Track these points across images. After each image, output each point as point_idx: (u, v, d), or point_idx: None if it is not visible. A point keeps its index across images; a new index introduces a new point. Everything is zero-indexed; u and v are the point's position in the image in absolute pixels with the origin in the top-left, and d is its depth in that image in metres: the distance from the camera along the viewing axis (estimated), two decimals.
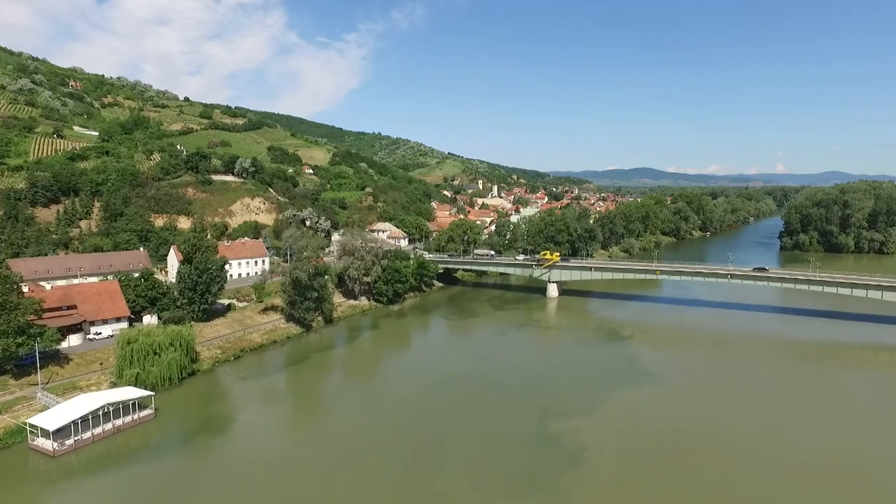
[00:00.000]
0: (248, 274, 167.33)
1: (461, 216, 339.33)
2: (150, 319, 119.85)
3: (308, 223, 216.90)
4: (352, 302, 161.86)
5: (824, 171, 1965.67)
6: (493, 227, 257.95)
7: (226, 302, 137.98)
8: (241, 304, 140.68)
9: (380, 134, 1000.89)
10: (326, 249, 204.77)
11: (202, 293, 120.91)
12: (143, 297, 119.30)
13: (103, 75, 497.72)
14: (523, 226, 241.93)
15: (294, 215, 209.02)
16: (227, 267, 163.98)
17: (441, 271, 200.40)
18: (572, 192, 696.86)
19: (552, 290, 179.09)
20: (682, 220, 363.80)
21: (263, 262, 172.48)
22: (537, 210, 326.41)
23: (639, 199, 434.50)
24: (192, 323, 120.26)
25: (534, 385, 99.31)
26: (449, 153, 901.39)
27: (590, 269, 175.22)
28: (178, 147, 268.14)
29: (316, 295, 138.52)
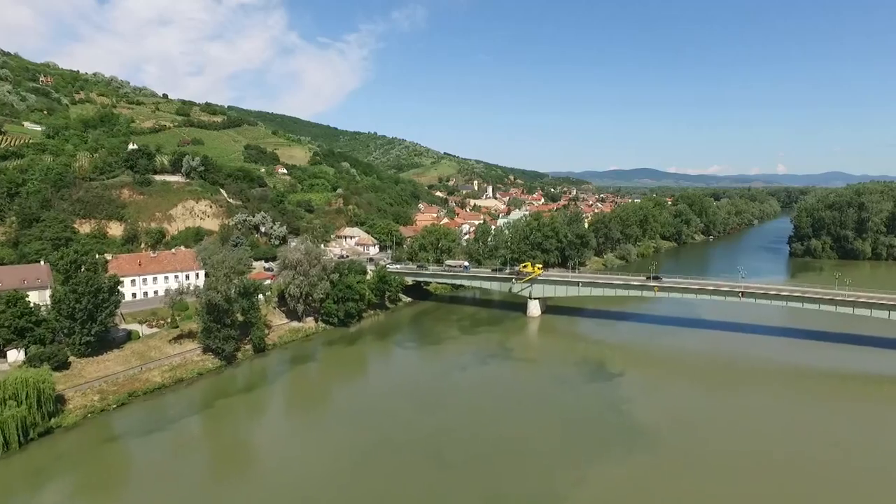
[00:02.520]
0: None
1: (446, 219, 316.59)
2: (17, 356, 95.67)
3: (263, 229, 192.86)
4: (294, 324, 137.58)
5: (826, 171, 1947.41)
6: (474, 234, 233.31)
7: (129, 328, 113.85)
8: (149, 331, 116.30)
9: (375, 134, 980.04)
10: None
11: (84, 321, 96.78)
12: (7, 327, 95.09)
13: (78, 71, 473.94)
14: (507, 231, 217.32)
15: (244, 220, 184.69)
16: (147, 283, 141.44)
17: (411, 283, 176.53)
18: (570, 193, 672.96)
19: (533, 308, 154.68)
20: (684, 223, 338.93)
21: (196, 276, 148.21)
22: (523, 213, 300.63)
23: (637, 201, 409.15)
24: (73, 359, 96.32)
25: (489, 453, 74.92)
26: (445, 153, 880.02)
27: (576, 284, 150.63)
28: (131, 144, 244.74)
29: (241, 319, 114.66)
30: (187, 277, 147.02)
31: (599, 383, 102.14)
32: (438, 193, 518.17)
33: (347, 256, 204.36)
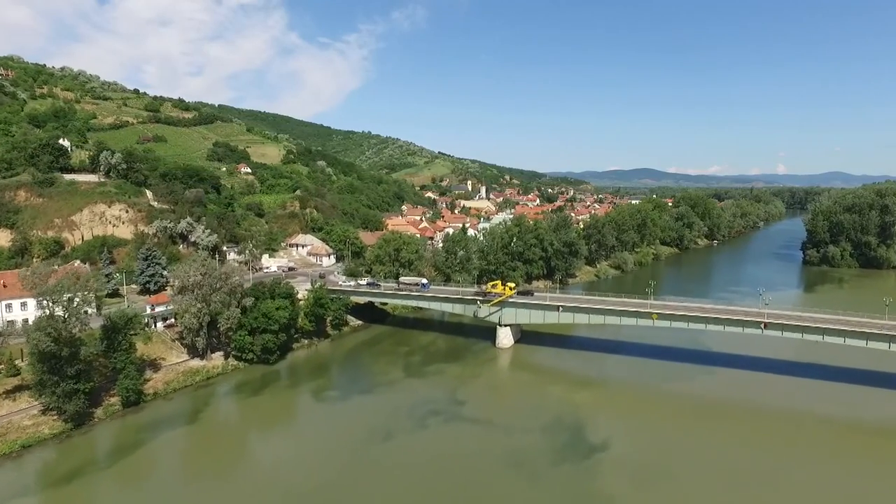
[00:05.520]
0: None
1: (425, 223, 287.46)
2: None
3: (193, 237, 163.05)
4: (194, 363, 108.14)
5: (826, 171, 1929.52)
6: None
7: None
8: None
9: (369, 133, 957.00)
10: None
11: None
12: None
13: (44, 65, 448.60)
14: (482, 238, 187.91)
15: (165, 228, 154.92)
16: (14, 310, 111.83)
17: (363, 303, 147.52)
18: (567, 194, 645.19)
19: (504, 337, 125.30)
20: (686, 227, 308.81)
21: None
22: (504, 217, 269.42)
23: (634, 202, 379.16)
24: None
25: None
26: (440, 152, 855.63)
27: (555, 308, 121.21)
28: (62, 139, 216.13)
29: (116, 362, 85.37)
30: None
31: (574, 465, 72.48)
32: (430, 194, 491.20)
33: (295, 269, 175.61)
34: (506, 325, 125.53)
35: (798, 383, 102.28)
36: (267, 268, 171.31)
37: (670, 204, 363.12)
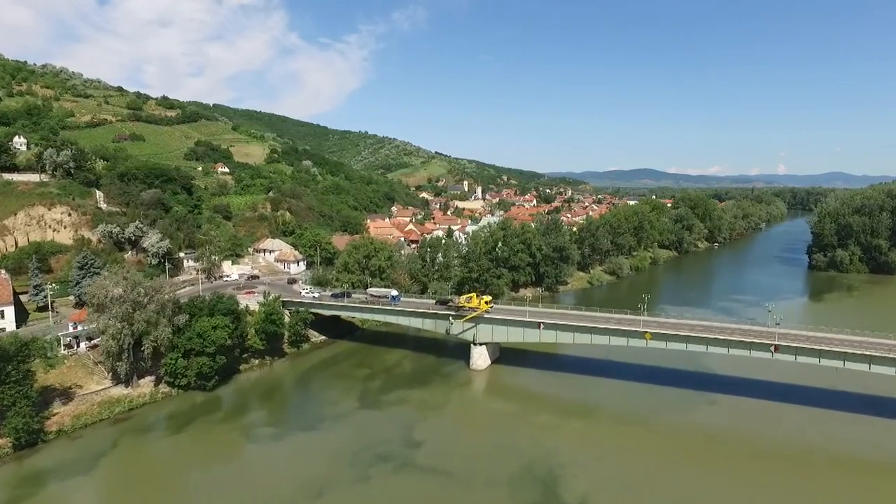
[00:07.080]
0: None
1: (411, 226, 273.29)
2: None
3: (144, 243, 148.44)
4: (117, 392, 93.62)
5: (826, 171, 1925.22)
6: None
7: None
8: None
9: (366, 133, 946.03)
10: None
11: None
12: None
13: (25, 62, 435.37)
14: (463, 242, 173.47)
15: (110, 232, 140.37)
16: None
17: (328, 316, 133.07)
18: (565, 194, 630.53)
19: (478, 357, 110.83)
20: (686, 229, 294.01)
21: (1, 315, 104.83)
22: (489, 220, 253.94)
23: (630, 203, 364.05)
24: None
25: None
26: (436, 152, 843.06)
27: (536, 325, 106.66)
28: (17, 136, 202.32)
29: (4, 398, 71.02)
30: None
31: None
32: (424, 195, 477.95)
33: (259, 277, 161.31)
34: (481, 344, 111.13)
35: (815, 415, 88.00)
36: (227, 276, 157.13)
37: (669, 205, 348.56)
